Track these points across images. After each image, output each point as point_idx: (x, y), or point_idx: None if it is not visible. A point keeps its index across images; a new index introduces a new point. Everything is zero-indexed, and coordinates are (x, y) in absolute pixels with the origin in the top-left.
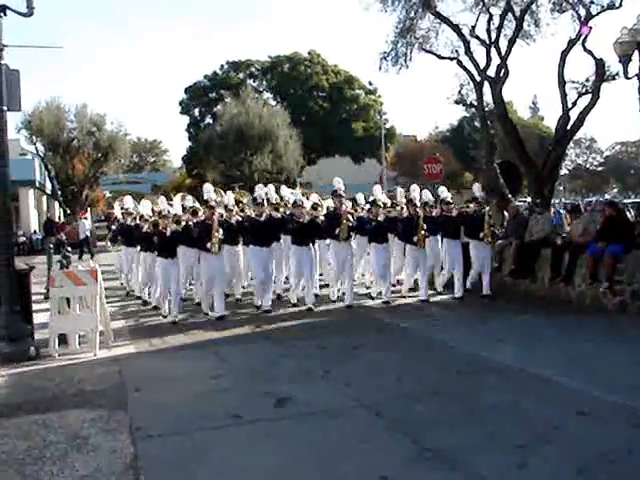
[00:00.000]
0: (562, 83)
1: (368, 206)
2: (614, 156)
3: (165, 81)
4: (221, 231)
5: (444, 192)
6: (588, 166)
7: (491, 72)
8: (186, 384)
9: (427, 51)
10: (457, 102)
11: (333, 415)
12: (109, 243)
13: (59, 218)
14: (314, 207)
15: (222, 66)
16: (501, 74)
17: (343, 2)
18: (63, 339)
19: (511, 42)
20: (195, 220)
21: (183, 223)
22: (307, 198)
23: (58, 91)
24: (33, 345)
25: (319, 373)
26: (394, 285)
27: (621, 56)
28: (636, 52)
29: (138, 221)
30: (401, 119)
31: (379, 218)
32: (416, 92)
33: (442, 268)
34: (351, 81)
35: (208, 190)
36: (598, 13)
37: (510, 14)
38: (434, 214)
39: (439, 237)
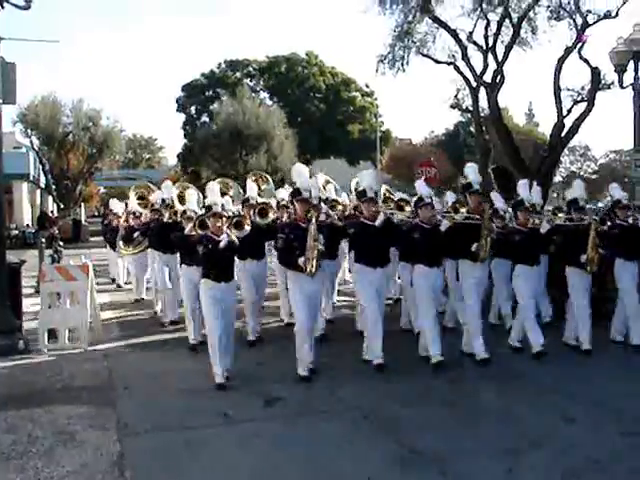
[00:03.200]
0: (557, 90)
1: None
2: (608, 164)
3: (162, 78)
4: (322, 240)
5: (616, 190)
6: (582, 173)
7: (487, 78)
8: (175, 382)
9: (424, 55)
10: (453, 107)
11: (322, 417)
12: (121, 244)
13: (52, 212)
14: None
15: (220, 65)
16: (497, 80)
17: (341, 4)
18: (53, 334)
19: (508, 48)
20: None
21: (248, 227)
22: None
23: (54, 85)
24: (22, 339)
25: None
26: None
27: (616, 65)
28: (631, 62)
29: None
30: (397, 122)
31: (543, 228)
32: (413, 96)
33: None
34: (348, 83)
35: (300, 173)
36: (595, 22)
37: (507, 20)
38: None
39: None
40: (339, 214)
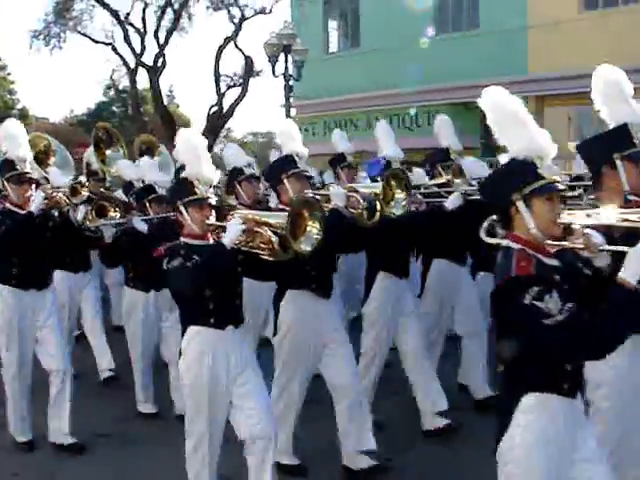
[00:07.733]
0: (217, 76)
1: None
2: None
3: None
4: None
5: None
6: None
7: (147, 60)
8: None
9: (82, 34)
10: (109, 87)
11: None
12: None
13: None
14: None
15: None
16: (159, 63)
17: None
18: None
19: (169, 34)
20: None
21: None
22: None
23: None
24: None
25: None
26: None
27: (269, 56)
28: (282, 54)
29: None
30: (37, 101)
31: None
32: (54, 73)
33: None
34: None
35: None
36: (251, 16)
37: (170, 8)
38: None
39: None
40: None
